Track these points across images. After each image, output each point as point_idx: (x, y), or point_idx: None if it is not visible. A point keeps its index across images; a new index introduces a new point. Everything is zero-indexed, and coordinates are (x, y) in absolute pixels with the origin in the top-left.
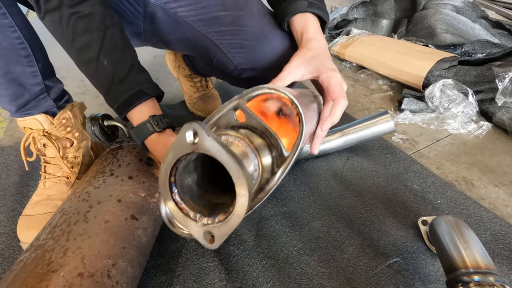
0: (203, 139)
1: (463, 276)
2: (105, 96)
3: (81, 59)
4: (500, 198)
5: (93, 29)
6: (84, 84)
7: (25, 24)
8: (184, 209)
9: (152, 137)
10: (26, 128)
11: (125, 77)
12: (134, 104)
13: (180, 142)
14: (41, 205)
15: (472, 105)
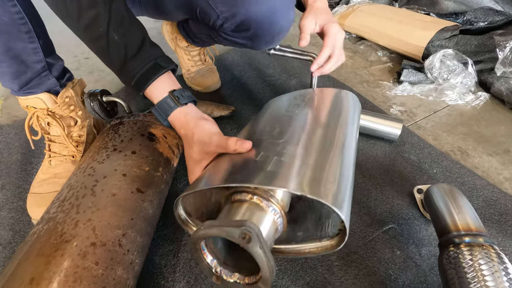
0: (253, 247)
1: (455, 238)
2: (119, 73)
3: (89, 36)
4: (493, 167)
5: (98, 2)
6: (78, 60)
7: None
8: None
9: (175, 113)
10: (29, 107)
11: (138, 51)
12: (152, 79)
13: (229, 230)
14: (48, 183)
15: (471, 76)
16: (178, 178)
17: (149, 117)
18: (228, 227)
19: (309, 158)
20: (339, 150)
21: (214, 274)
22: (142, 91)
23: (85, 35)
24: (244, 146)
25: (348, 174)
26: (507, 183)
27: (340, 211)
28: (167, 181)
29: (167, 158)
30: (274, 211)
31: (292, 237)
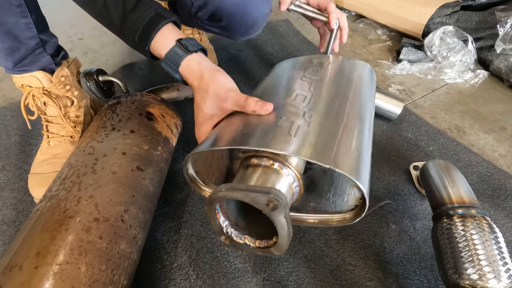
0: (279, 216)
1: (448, 210)
2: (120, 31)
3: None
4: (489, 144)
5: None
6: (72, 41)
7: None
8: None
9: (186, 62)
10: (25, 86)
11: (136, 4)
12: (155, 29)
13: (256, 197)
14: (48, 163)
15: (471, 53)
16: (177, 158)
17: (147, 96)
18: (254, 192)
19: (334, 130)
20: (362, 124)
21: (224, 234)
22: (148, 45)
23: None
24: (265, 108)
25: (369, 149)
26: (502, 160)
27: (364, 189)
28: (167, 160)
29: (166, 137)
30: (292, 178)
31: (303, 207)
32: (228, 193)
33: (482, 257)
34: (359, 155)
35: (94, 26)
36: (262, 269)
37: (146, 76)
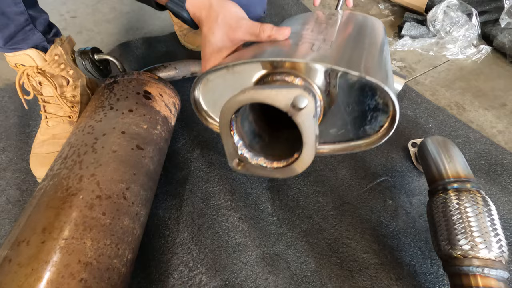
0: (306, 117)
1: (445, 185)
2: None
3: None
4: (488, 120)
5: None
6: (64, 19)
7: None
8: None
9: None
10: (18, 65)
11: None
12: None
13: (282, 94)
14: (48, 143)
15: (475, 28)
16: (176, 137)
17: (144, 75)
18: (278, 89)
19: (357, 50)
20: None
21: (237, 157)
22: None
23: None
24: (282, 31)
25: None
26: (500, 136)
27: (395, 100)
28: (166, 139)
29: (165, 116)
30: (314, 97)
31: (322, 134)
32: (248, 95)
33: (475, 228)
34: (386, 70)
35: (86, 4)
36: (262, 243)
37: (143, 55)
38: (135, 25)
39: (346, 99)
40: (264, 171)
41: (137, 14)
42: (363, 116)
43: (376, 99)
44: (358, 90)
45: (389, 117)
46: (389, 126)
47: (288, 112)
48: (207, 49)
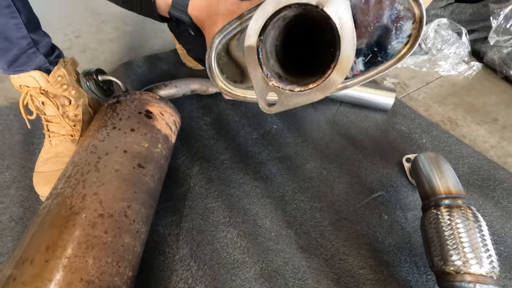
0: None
1: (436, 201)
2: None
3: None
4: (481, 135)
5: None
6: (69, 39)
7: None
8: (263, 58)
9: (194, 1)
10: (22, 86)
11: None
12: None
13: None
14: (51, 162)
15: (465, 45)
16: (176, 154)
17: (146, 95)
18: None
19: None
20: None
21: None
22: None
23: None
24: None
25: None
26: (492, 151)
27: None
28: (167, 157)
29: (165, 134)
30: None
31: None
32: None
33: (466, 244)
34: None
35: (91, 24)
36: (260, 259)
37: (145, 73)
38: (137, 44)
39: (366, 19)
40: (300, 97)
41: (139, 33)
42: (388, 32)
43: (396, 6)
44: (376, 3)
45: (414, 21)
46: (418, 31)
47: (318, 4)
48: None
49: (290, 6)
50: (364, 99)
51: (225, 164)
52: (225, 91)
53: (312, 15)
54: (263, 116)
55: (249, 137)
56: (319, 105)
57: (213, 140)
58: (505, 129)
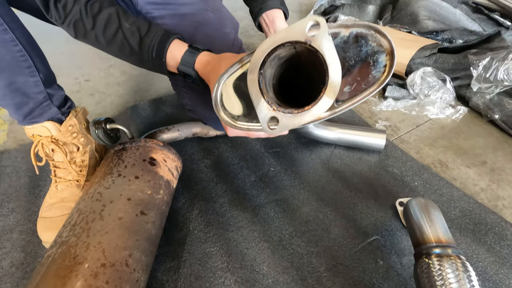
0: (323, 35)
1: (427, 249)
2: (139, 53)
3: (107, 36)
4: (470, 178)
5: (107, 6)
6: (79, 82)
7: (26, 36)
8: (264, 89)
9: (200, 59)
10: (35, 135)
11: (148, 28)
12: (168, 41)
13: (297, 28)
14: (56, 207)
15: (450, 92)
16: (176, 197)
17: (150, 142)
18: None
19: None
20: None
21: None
22: (164, 57)
23: (104, 37)
24: None
25: None
26: (482, 194)
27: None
28: (168, 202)
29: (167, 180)
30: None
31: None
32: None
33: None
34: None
35: (100, 68)
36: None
37: (149, 117)
38: (144, 87)
39: (347, 55)
40: (298, 118)
41: (145, 77)
42: (367, 64)
43: (370, 44)
44: (353, 42)
45: (387, 54)
46: (391, 61)
47: (306, 41)
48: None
49: (284, 45)
50: (357, 142)
51: (224, 207)
52: (229, 124)
53: (301, 55)
54: (261, 158)
55: (248, 179)
56: (314, 148)
57: (213, 183)
58: (493, 171)
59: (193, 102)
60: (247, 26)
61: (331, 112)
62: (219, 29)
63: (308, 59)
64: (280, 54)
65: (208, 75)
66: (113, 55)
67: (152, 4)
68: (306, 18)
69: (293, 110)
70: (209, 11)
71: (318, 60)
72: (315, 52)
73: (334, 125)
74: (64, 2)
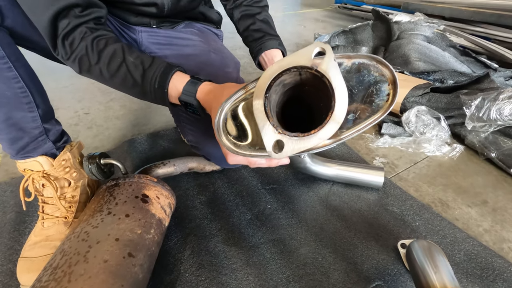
0: (328, 61)
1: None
2: (142, 84)
3: (111, 70)
4: (473, 218)
5: (112, 42)
6: (78, 115)
7: (29, 73)
8: (269, 112)
9: (201, 88)
10: (26, 170)
11: (152, 62)
12: (171, 73)
13: (303, 54)
14: (40, 246)
15: (445, 130)
16: (168, 235)
17: (144, 178)
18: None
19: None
20: None
21: (275, 138)
22: (166, 87)
23: (108, 70)
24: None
25: None
26: (487, 235)
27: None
28: (158, 242)
29: (159, 218)
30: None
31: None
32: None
33: None
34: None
35: (100, 101)
36: None
37: (146, 151)
38: (142, 121)
39: (350, 84)
40: (304, 142)
41: (145, 111)
42: (370, 93)
43: (372, 73)
44: (356, 72)
45: (389, 83)
46: (394, 90)
47: (312, 66)
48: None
49: (290, 70)
50: (355, 179)
51: (218, 247)
52: (231, 150)
53: (305, 83)
54: (257, 195)
55: (243, 217)
56: (312, 185)
57: (207, 220)
58: (495, 211)
59: (197, 138)
60: (246, 64)
61: (335, 139)
62: (222, 68)
63: (312, 87)
64: (286, 80)
65: (210, 103)
66: (115, 88)
67: (156, 44)
68: (312, 45)
69: (298, 134)
70: (212, 52)
71: (324, 85)
72: (321, 77)
73: (332, 161)
74: (71, 40)
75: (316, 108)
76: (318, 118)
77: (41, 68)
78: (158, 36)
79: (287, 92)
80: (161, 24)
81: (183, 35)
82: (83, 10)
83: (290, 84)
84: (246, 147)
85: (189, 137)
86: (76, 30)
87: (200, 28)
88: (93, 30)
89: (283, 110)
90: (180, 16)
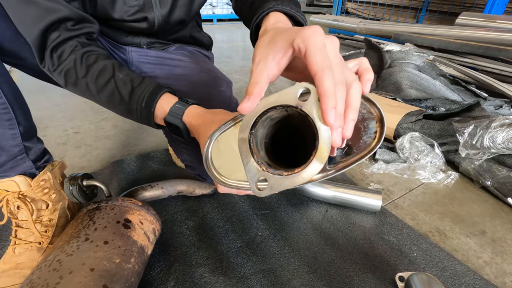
0: (313, 100)
1: None
2: (129, 102)
3: (99, 85)
4: (472, 249)
5: (103, 58)
6: (67, 134)
7: (12, 89)
8: (254, 148)
9: (188, 110)
10: (1, 191)
11: (142, 81)
12: (159, 94)
13: (288, 93)
14: (8, 275)
15: (439, 156)
16: (151, 264)
17: (128, 201)
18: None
19: None
20: None
21: (259, 175)
22: (153, 107)
23: (96, 85)
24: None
25: None
26: (487, 268)
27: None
28: (139, 273)
29: (141, 246)
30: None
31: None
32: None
33: None
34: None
35: (91, 121)
36: None
37: (134, 172)
38: (132, 142)
39: None
40: (288, 180)
41: (136, 131)
42: (357, 129)
43: (360, 111)
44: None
45: (377, 121)
46: (381, 128)
47: (297, 106)
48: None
49: (276, 107)
50: (353, 201)
51: (204, 278)
52: (219, 181)
53: (294, 116)
54: (248, 221)
55: (233, 245)
56: (305, 211)
57: (194, 248)
58: (495, 242)
59: (192, 157)
60: (242, 88)
61: (324, 175)
62: (215, 88)
63: (300, 121)
64: (272, 115)
65: (197, 128)
66: (101, 103)
67: (146, 63)
68: (297, 85)
69: (282, 172)
70: (203, 72)
71: (309, 123)
72: (305, 116)
73: (330, 183)
74: (60, 52)
75: (308, 137)
76: (310, 147)
77: (34, 86)
78: (149, 56)
79: (277, 123)
80: (152, 45)
81: (174, 56)
82: (75, 24)
83: (278, 118)
84: (233, 177)
85: (183, 156)
86: (67, 43)
87: (191, 50)
88: (84, 45)
89: (274, 138)
90: (171, 38)
